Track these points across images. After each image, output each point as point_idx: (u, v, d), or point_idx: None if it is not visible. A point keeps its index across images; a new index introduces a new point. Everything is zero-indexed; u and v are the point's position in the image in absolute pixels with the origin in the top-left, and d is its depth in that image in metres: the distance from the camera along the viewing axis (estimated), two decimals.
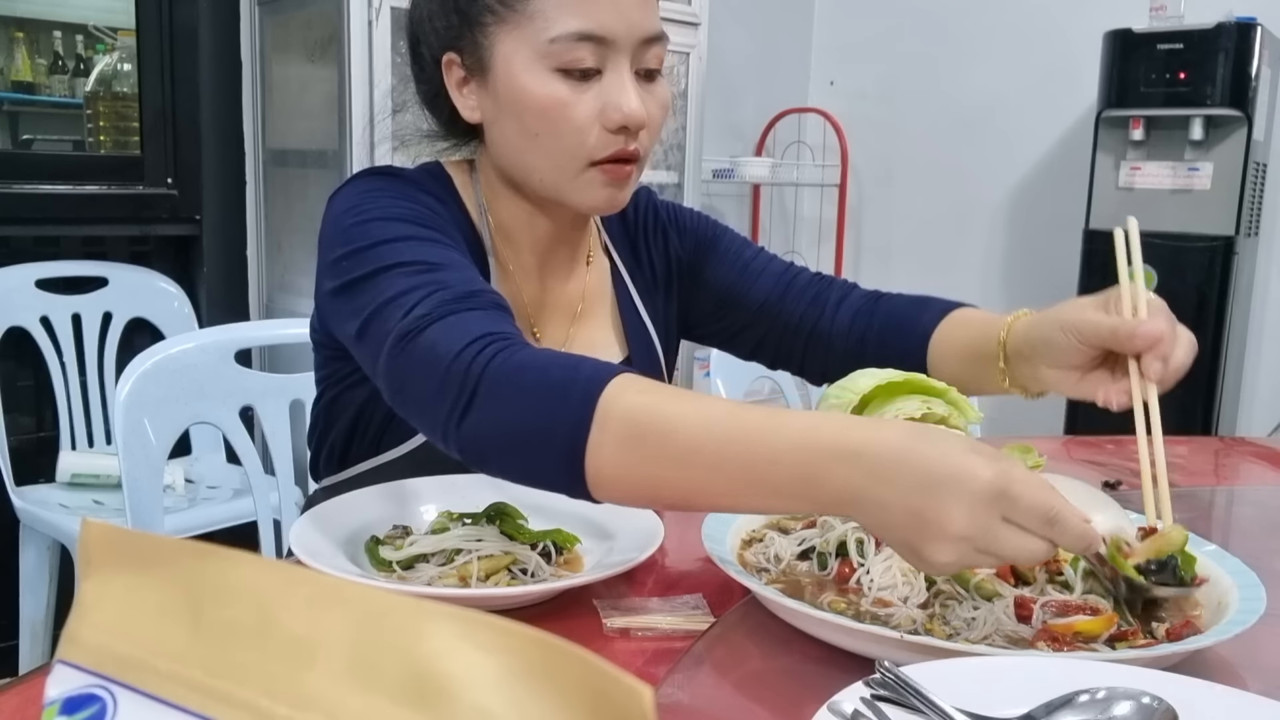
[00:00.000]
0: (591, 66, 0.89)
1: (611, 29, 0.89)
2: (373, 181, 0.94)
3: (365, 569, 0.81)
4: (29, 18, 2.80)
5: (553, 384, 0.70)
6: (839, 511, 0.65)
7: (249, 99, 2.49)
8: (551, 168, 0.93)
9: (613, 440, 0.67)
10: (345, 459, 1.04)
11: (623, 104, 0.90)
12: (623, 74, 0.90)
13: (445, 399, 0.73)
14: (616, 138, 0.91)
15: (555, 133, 0.91)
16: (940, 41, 3.51)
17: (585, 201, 0.95)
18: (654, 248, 1.15)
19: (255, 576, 0.30)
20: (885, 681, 0.56)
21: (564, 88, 0.89)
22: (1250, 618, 0.67)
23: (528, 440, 0.70)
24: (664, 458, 0.66)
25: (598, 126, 0.91)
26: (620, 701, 0.25)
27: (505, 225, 1.02)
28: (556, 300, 1.06)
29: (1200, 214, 2.70)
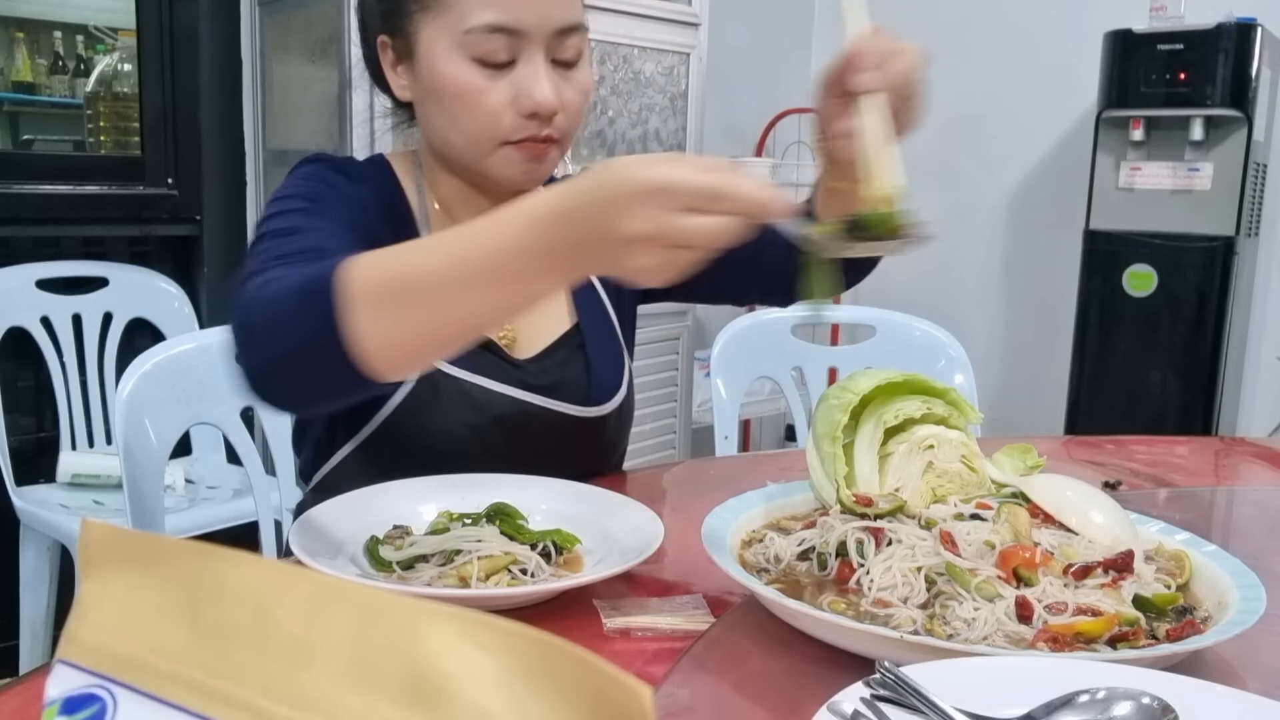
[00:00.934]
0: (505, 57, 0.95)
1: (524, 21, 0.94)
2: (301, 169, 1.01)
3: (365, 569, 0.81)
4: (29, 18, 2.80)
5: (297, 292, 0.73)
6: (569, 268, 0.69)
7: (249, 99, 2.49)
8: (469, 146, 0.99)
9: (365, 312, 0.70)
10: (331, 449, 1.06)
11: (534, 92, 0.95)
12: (536, 64, 0.95)
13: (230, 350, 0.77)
14: (530, 122, 0.97)
15: (471, 116, 0.97)
16: (940, 41, 3.51)
17: (502, 175, 1.00)
18: None
19: (255, 576, 0.30)
20: (885, 681, 0.56)
21: (479, 75, 0.95)
22: (1250, 618, 0.67)
23: (289, 353, 0.73)
24: (409, 292, 0.70)
25: (511, 111, 0.96)
26: (620, 701, 0.25)
27: (446, 201, 1.08)
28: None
29: (1200, 214, 2.70)
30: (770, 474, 1.18)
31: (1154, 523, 0.86)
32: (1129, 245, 2.78)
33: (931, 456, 0.88)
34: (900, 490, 0.87)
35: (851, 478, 0.88)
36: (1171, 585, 0.75)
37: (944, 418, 0.91)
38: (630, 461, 1.21)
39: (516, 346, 1.08)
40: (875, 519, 0.80)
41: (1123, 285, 2.79)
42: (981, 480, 0.89)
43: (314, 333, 0.71)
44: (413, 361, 0.75)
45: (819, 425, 0.90)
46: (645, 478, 1.18)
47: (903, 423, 0.89)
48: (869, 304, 1.60)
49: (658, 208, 0.62)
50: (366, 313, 0.70)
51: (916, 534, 0.77)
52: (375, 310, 0.70)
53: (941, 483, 0.88)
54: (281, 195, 0.97)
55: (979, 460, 0.90)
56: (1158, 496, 1.18)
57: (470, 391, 1.01)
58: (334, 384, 0.75)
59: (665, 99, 2.78)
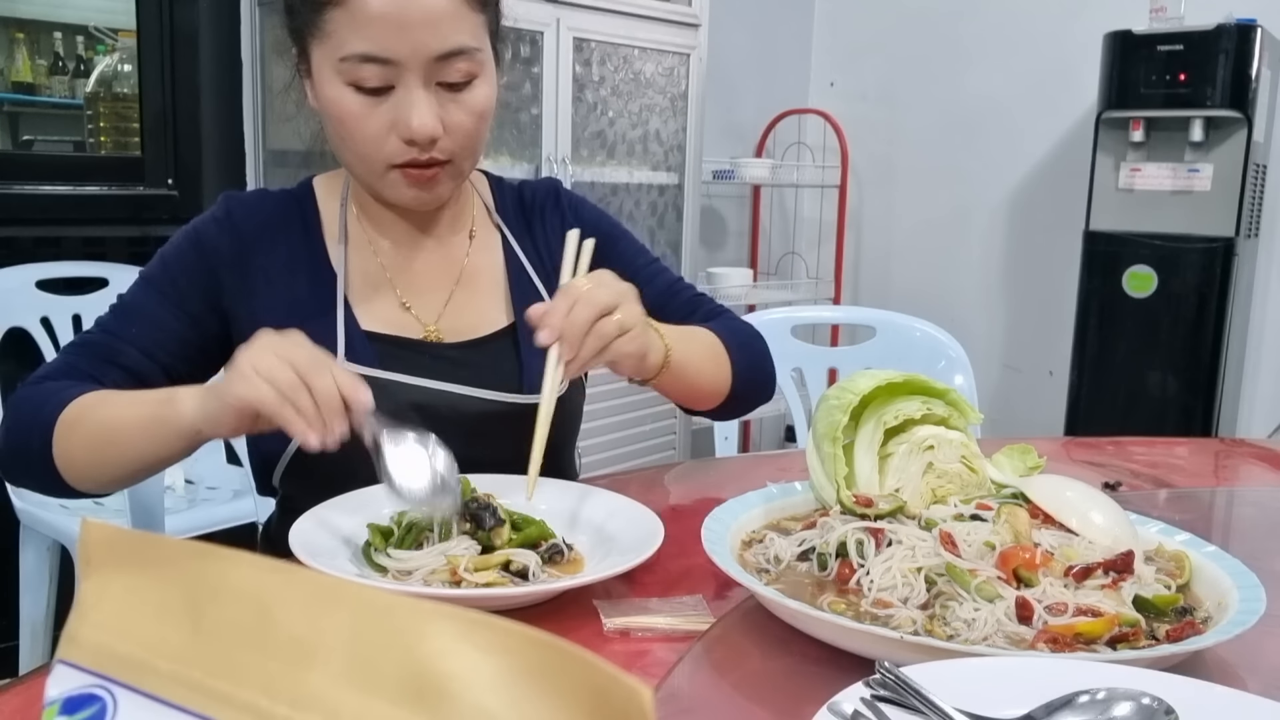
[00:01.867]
0: (379, 84, 0.95)
1: (395, 51, 0.93)
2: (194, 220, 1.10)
3: (365, 570, 0.81)
4: (29, 18, 2.80)
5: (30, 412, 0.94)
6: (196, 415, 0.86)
7: (249, 100, 2.49)
8: (358, 165, 1.02)
9: (64, 435, 0.92)
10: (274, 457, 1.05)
11: (410, 119, 0.95)
12: (412, 91, 0.95)
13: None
14: (410, 148, 0.97)
15: (353, 140, 0.99)
16: (941, 42, 3.51)
17: (393, 197, 1.03)
18: (552, 227, 1.17)
19: (255, 576, 0.30)
20: (885, 682, 0.56)
21: (357, 101, 0.96)
22: (1250, 619, 0.67)
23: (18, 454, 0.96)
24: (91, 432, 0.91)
25: (393, 136, 0.97)
26: (620, 701, 0.25)
27: (366, 206, 1.10)
28: (430, 270, 1.11)
29: (1200, 215, 2.70)
30: (770, 474, 1.18)
31: (1154, 523, 0.86)
32: (1129, 246, 2.78)
33: (931, 457, 0.88)
34: (900, 491, 0.87)
35: (852, 478, 0.88)
36: (1171, 586, 0.75)
37: (944, 418, 0.91)
38: (630, 462, 1.21)
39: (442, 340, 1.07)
40: (875, 519, 0.80)
41: (1123, 286, 2.79)
42: (981, 481, 0.89)
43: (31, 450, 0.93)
44: (89, 475, 0.94)
45: (819, 426, 0.90)
46: (645, 478, 1.18)
47: (903, 423, 0.89)
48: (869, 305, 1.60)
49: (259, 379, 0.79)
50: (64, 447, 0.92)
51: (917, 534, 0.77)
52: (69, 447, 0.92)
53: (941, 483, 0.88)
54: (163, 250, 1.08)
55: (979, 461, 0.90)
56: (1158, 497, 1.18)
57: (387, 387, 0.99)
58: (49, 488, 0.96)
59: (665, 99, 2.78)
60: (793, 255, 3.89)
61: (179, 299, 1.03)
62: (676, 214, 2.88)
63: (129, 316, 1.03)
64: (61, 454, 0.92)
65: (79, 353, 1.00)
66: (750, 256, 3.75)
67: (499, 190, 1.19)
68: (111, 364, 0.99)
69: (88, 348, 1.00)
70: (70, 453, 0.92)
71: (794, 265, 3.88)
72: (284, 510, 1.09)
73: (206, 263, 1.04)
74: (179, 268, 1.05)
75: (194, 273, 1.04)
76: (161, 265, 1.06)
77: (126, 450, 0.91)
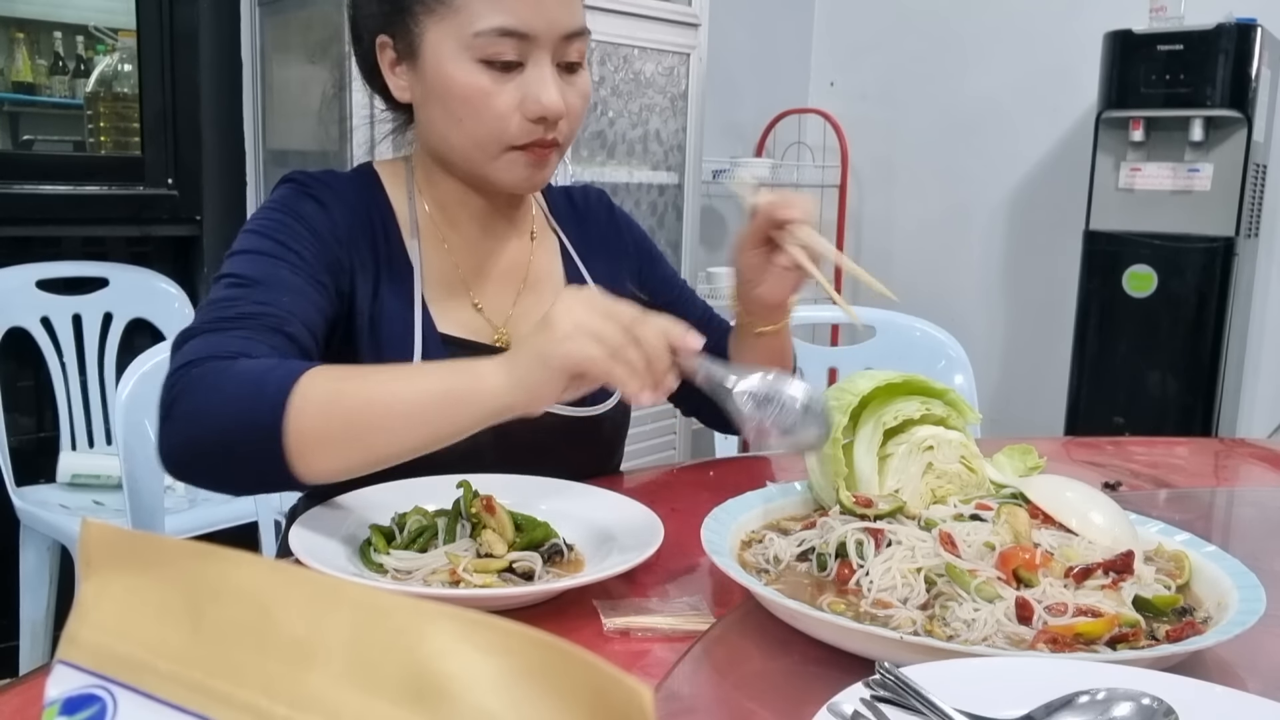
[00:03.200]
0: (513, 59, 0.95)
1: (532, 25, 0.94)
2: (276, 193, 1.02)
3: (365, 570, 0.81)
4: (29, 18, 2.80)
5: (251, 384, 0.79)
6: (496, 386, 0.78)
7: (249, 99, 2.49)
8: (473, 149, 0.99)
9: (309, 410, 0.77)
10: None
11: (541, 96, 0.95)
12: (543, 68, 0.96)
13: (158, 413, 0.82)
14: (536, 126, 0.97)
15: (478, 119, 0.96)
16: (940, 42, 3.51)
17: (505, 180, 1.01)
18: (607, 239, 1.19)
19: (255, 576, 0.30)
20: (885, 682, 0.55)
21: (486, 78, 0.95)
22: (1250, 619, 0.67)
23: (225, 436, 0.79)
24: (355, 409, 0.78)
25: (518, 115, 0.96)
26: (620, 701, 0.25)
27: (443, 202, 1.07)
28: (500, 271, 1.10)
29: (1200, 215, 2.70)
30: (770, 474, 1.18)
31: (1153, 523, 0.86)
32: (1129, 246, 2.78)
33: (931, 457, 0.88)
34: (900, 491, 0.87)
35: (851, 479, 0.88)
36: (1171, 586, 0.75)
37: (943, 418, 0.91)
38: (630, 461, 1.21)
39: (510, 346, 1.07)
40: (875, 520, 0.80)
41: (1123, 286, 2.79)
42: (981, 481, 0.89)
43: (256, 418, 0.77)
44: (333, 460, 0.80)
45: None
46: (645, 478, 1.18)
47: (902, 424, 0.89)
48: (869, 304, 1.60)
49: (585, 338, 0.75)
50: (314, 409, 0.77)
51: (916, 535, 0.77)
52: (322, 407, 0.78)
53: (941, 483, 0.88)
54: (252, 229, 0.97)
55: (978, 461, 0.90)
56: (1158, 497, 1.18)
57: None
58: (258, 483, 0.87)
59: (665, 99, 2.78)
60: None
61: (310, 271, 0.95)
62: (676, 214, 2.88)
63: (274, 288, 0.91)
64: (301, 441, 0.77)
65: (244, 325, 0.86)
66: None
67: (548, 193, 1.19)
68: (281, 334, 0.88)
69: (251, 320, 0.87)
70: (316, 439, 0.78)
71: None
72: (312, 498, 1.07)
73: (320, 236, 0.98)
74: (296, 242, 0.96)
75: (313, 245, 0.97)
76: (273, 242, 0.95)
77: (409, 432, 0.79)
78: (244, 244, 0.95)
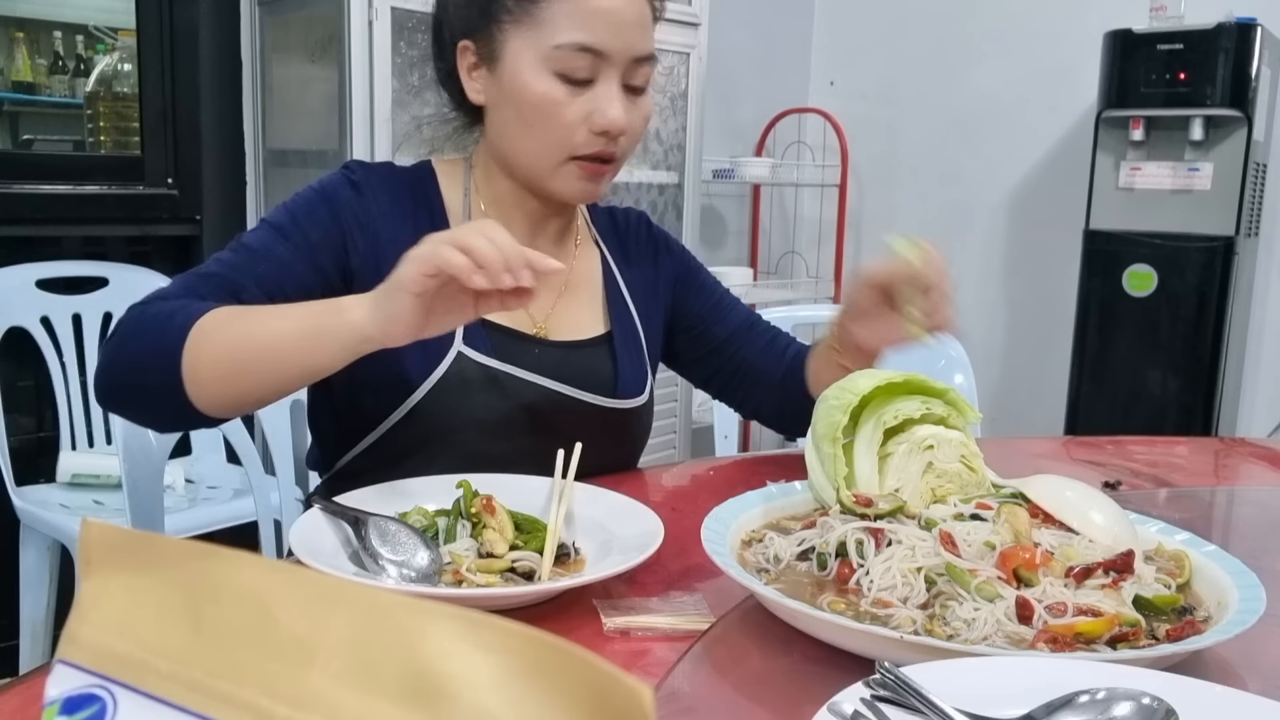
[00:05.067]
0: (586, 75, 1.01)
1: (609, 45, 1.00)
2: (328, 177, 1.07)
3: (366, 570, 0.81)
4: (29, 18, 2.80)
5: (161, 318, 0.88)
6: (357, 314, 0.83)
7: (249, 99, 2.49)
8: (538, 154, 1.05)
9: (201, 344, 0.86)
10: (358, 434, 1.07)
11: (609, 111, 1.02)
12: (612, 85, 1.02)
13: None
14: (598, 139, 1.03)
15: (547, 126, 1.02)
16: (940, 41, 3.51)
17: (563, 190, 1.06)
18: (644, 254, 1.25)
19: (255, 576, 0.30)
20: (885, 682, 0.55)
21: (560, 89, 1.01)
22: (1250, 618, 0.67)
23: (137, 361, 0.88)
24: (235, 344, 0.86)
25: (584, 127, 1.02)
26: (620, 701, 0.25)
27: (499, 200, 1.12)
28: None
29: (1200, 214, 2.70)
30: (770, 474, 1.17)
31: (1153, 523, 0.86)
32: (1129, 245, 2.78)
33: (931, 457, 0.88)
34: (900, 490, 0.87)
35: (851, 478, 0.88)
36: (1171, 585, 0.74)
37: (943, 418, 0.91)
38: None
39: (548, 338, 1.11)
40: (875, 519, 0.80)
41: (1123, 285, 2.79)
42: (981, 480, 0.89)
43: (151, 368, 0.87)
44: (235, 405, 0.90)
45: (818, 426, 0.90)
46: (645, 478, 1.18)
47: (902, 423, 0.89)
48: None
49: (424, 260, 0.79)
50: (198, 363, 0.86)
51: (916, 534, 0.77)
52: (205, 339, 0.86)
53: (941, 483, 0.88)
54: (284, 203, 1.04)
55: (978, 460, 0.90)
56: (1158, 496, 1.18)
57: (499, 379, 1.04)
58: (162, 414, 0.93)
59: (665, 99, 2.78)
60: (793, 254, 3.89)
61: (309, 249, 1.01)
62: (676, 213, 2.88)
63: (254, 256, 0.99)
64: (194, 370, 0.86)
65: (198, 281, 0.96)
66: (750, 256, 3.75)
67: (592, 210, 1.25)
68: (232, 297, 0.95)
69: (209, 278, 0.96)
70: (206, 368, 0.86)
71: (794, 264, 3.88)
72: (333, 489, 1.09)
73: (339, 221, 1.03)
74: (310, 221, 1.02)
75: (327, 228, 1.03)
76: (290, 216, 1.02)
77: (279, 364, 0.86)
78: (269, 215, 1.03)
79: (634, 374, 1.15)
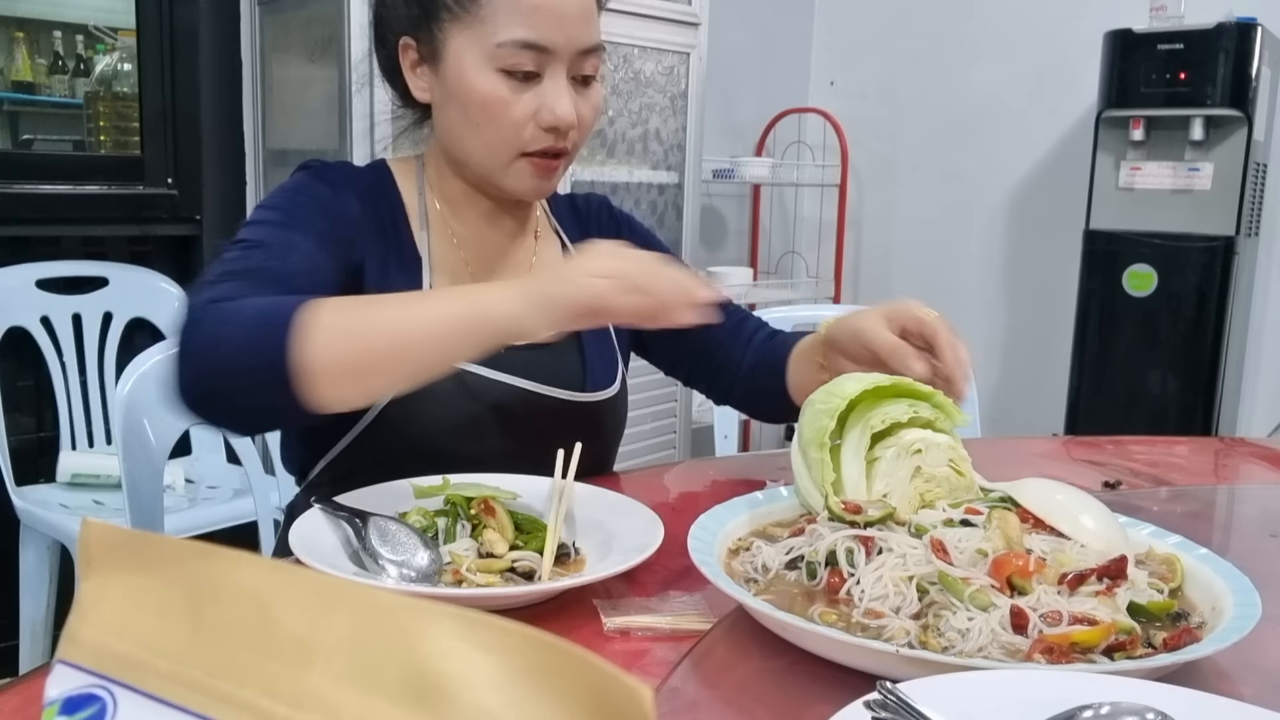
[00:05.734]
0: (531, 70, 0.99)
1: (552, 40, 0.99)
2: (291, 178, 1.05)
3: (366, 570, 0.81)
4: (29, 18, 2.80)
5: (257, 318, 0.82)
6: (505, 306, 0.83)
7: (249, 99, 2.49)
8: (487, 154, 1.03)
9: (320, 338, 0.80)
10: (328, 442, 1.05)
11: (556, 107, 1.00)
12: (559, 80, 1.01)
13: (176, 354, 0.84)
14: (548, 135, 1.02)
15: (494, 126, 1.01)
16: (940, 41, 3.51)
17: (515, 188, 1.05)
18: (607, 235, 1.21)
19: (255, 576, 0.30)
20: (886, 703, 0.54)
21: (505, 87, 0.99)
22: (1248, 624, 0.66)
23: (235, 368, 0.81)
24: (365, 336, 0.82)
25: (532, 124, 1.01)
26: (620, 701, 0.25)
27: (451, 198, 1.11)
28: (505, 266, 1.14)
29: (1200, 214, 2.70)
30: (770, 473, 1.18)
31: (1144, 526, 0.86)
32: (1129, 245, 2.78)
33: (919, 461, 0.87)
34: (888, 495, 0.86)
35: (839, 484, 0.87)
36: (1164, 590, 0.74)
37: (930, 421, 0.90)
38: (630, 461, 1.21)
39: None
40: (865, 527, 0.78)
41: (1123, 285, 2.79)
42: (969, 484, 0.88)
43: (265, 360, 0.80)
44: (342, 379, 0.82)
45: (805, 431, 0.89)
46: (645, 478, 1.18)
47: (890, 427, 0.89)
48: (869, 304, 1.60)
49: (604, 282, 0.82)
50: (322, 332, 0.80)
51: (907, 542, 0.75)
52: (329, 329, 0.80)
53: (929, 487, 0.87)
54: (264, 204, 1.01)
55: (966, 464, 0.89)
56: (1158, 496, 1.18)
57: (467, 380, 1.02)
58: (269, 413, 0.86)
59: (665, 99, 2.78)
60: (793, 254, 3.89)
61: (320, 240, 0.98)
62: (676, 213, 2.88)
63: (283, 249, 0.94)
64: (316, 365, 0.80)
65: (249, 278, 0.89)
66: (750, 255, 3.74)
67: (552, 198, 1.23)
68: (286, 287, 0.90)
69: (254, 274, 0.90)
70: (330, 365, 0.80)
71: (794, 264, 3.88)
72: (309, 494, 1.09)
73: (331, 215, 1.01)
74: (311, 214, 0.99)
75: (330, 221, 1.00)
76: (287, 214, 0.99)
77: (424, 354, 0.83)
78: (255, 217, 0.99)
79: (603, 365, 1.13)
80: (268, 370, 0.80)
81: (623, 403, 1.17)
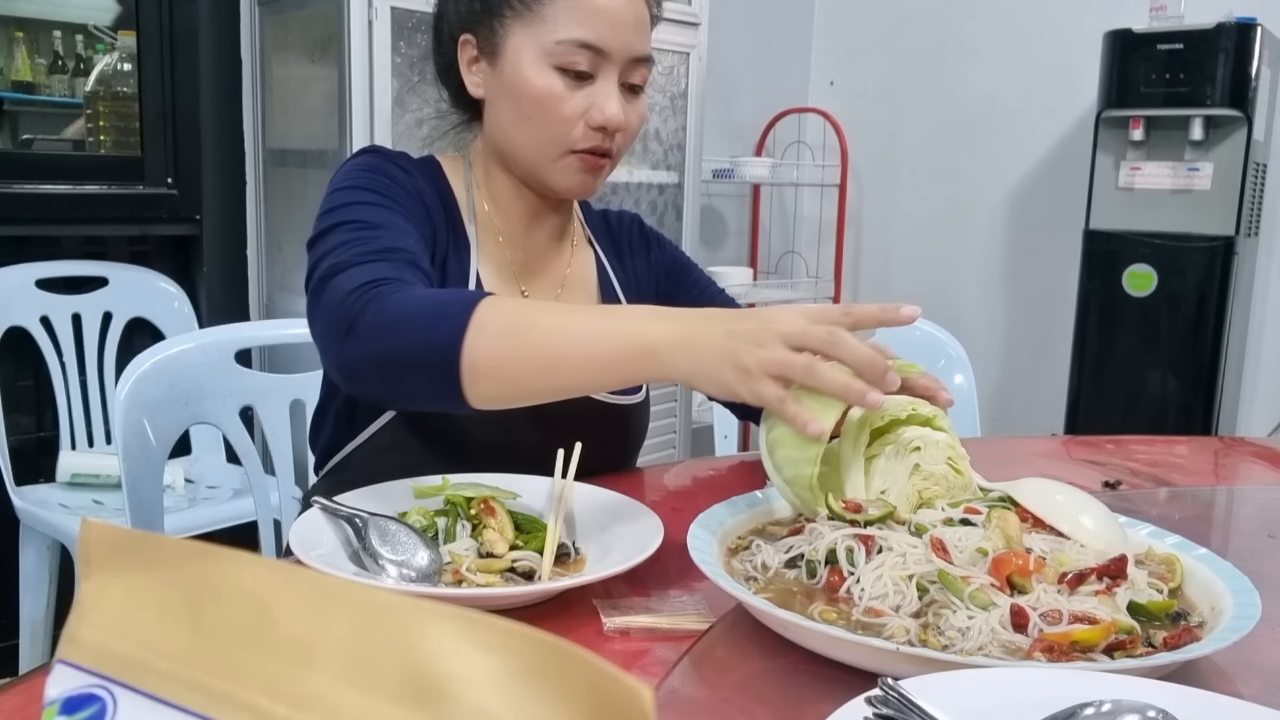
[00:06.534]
0: (585, 70, 1.03)
1: (608, 43, 1.03)
2: (359, 159, 1.06)
3: (366, 570, 0.81)
4: (29, 18, 2.80)
5: (433, 305, 0.84)
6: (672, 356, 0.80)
7: (249, 99, 2.49)
8: (536, 148, 1.06)
9: (488, 336, 0.81)
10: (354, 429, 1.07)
11: (606, 107, 1.04)
12: (611, 83, 1.05)
13: (332, 331, 0.86)
14: (595, 134, 1.05)
15: (546, 119, 1.04)
16: (940, 41, 3.51)
17: (561, 183, 1.08)
18: (637, 254, 1.27)
19: (255, 576, 0.30)
20: (887, 700, 0.54)
21: (560, 83, 1.03)
22: (1247, 624, 0.66)
23: (406, 351, 0.83)
24: (535, 343, 0.82)
25: (582, 122, 1.04)
26: (620, 701, 0.25)
27: (497, 196, 1.14)
28: (545, 269, 1.17)
29: (1200, 214, 2.71)
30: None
31: (1143, 526, 0.86)
32: (1129, 245, 2.78)
33: (918, 459, 0.87)
34: (886, 493, 0.85)
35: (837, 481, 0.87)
36: (1164, 590, 0.74)
37: (929, 418, 0.90)
38: None
39: None
40: (865, 525, 0.78)
41: (1123, 285, 2.79)
42: (967, 483, 0.88)
43: (433, 340, 0.81)
44: (502, 387, 0.83)
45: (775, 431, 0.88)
46: (645, 478, 1.18)
47: (889, 423, 0.88)
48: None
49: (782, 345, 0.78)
50: (490, 338, 0.81)
51: (907, 541, 0.75)
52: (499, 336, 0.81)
53: (928, 485, 0.87)
54: (343, 185, 1.01)
55: (965, 463, 0.89)
56: (1158, 496, 1.18)
57: None
58: (429, 398, 0.86)
59: (665, 98, 2.78)
60: (793, 254, 3.89)
61: (416, 222, 1.01)
62: (676, 213, 2.88)
63: (399, 232, 0.96)
64: (479, 364, 0.81)
65: (389, 258, 0.91)
66: (750, 255, 3.75)
67: (586, 212, 1.27)
68: (420, 270, 0.92)
69: (392, 254, 0.92)
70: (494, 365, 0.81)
71: (794, 264, 3.88)
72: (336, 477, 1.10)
73: (414, 197, 1.04)
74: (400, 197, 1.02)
75: (416, 203, 1.04)
76: (383, 195, 1.00)
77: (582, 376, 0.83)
78: (347, 198, 0.99)
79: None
80: (438, 360, 0.81)
81: (646, 410, 1.20)
